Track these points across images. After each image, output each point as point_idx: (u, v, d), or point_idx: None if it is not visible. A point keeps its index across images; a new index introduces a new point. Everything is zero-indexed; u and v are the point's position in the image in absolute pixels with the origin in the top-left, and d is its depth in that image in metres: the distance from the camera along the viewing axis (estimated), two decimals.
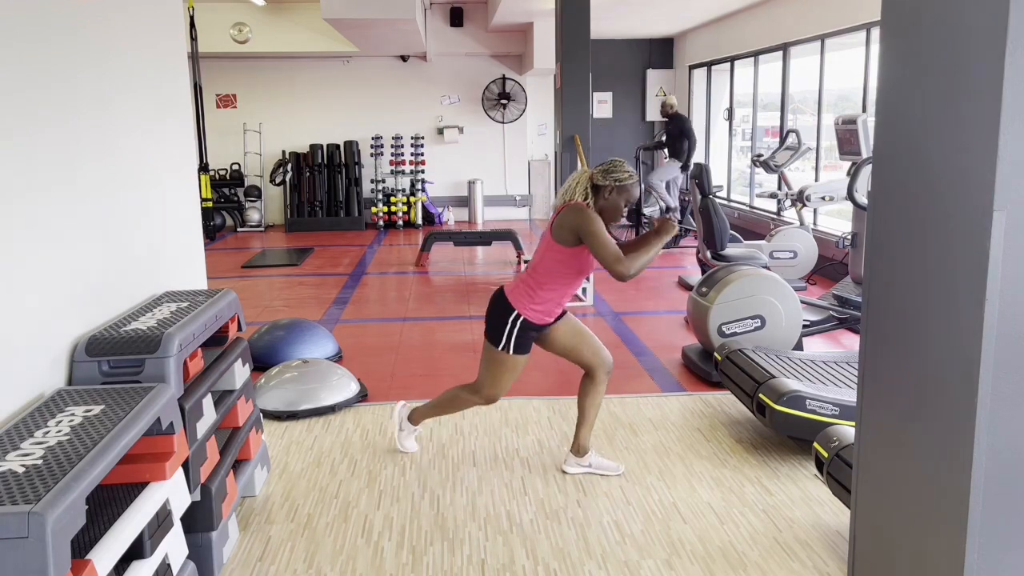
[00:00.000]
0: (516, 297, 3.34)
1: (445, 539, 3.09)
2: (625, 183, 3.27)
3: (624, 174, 3.28)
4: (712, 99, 12.28)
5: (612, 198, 3.29)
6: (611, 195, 3.28)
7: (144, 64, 3.28)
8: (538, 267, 3.33)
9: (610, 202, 3.29)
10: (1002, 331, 1.64)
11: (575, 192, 3.30)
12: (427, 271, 8.80)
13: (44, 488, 1.75)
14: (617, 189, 3.28)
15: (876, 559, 2.10)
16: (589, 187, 3.30)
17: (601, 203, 3.29)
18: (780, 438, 3.92)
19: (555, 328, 3.46)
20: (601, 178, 3.28)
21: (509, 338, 3.34)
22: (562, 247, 3.26)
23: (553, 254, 3.29)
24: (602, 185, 3.28)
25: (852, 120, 6.48)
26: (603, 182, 3.28)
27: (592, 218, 3.20)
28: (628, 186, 3.28)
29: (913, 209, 1.87)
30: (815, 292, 6.99)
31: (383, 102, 12.53)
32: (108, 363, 2.52)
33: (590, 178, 3.31)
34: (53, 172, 2.50)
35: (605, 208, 3.30)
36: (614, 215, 3.31)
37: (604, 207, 3.30)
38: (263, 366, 4.87)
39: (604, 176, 3.28)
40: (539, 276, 3.32)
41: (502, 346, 3.35)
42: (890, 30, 1.97)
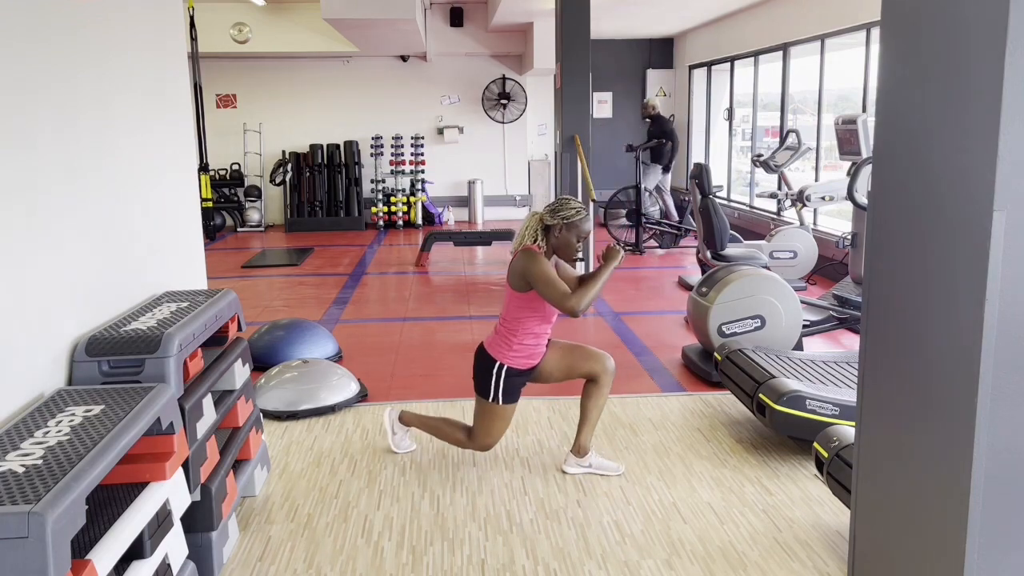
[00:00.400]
0: (495, 349, 3.41)
1: (445, 539, 3.09)
2: (573, 220, 3.30)
3: (571, 211, 3.31)
4: (712, 99, 12.28)
5: (563, 235, 3.32)
6: (561, 232, 3.31)
7: (144, 64, 3.28)
8: (506, 316, 3.41)
9: (561, 239, 3.32)
10: (1002, 331, 1.64)
11: (524, 237, 3.36)
12: (427, 271, 8.80)
13: (44, 488, 1.75)
14: (566, 226, 3.31)
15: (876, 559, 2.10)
16: (540, 229, 3.34)
17: (553, 242, 3.34)
18: (780, 438, 3.92)
19: (544, 363, 3.51)
20: (549, 218, 3.32)
21: (496, 389, 3.41)
22: (519, 293, 3.33)
23: (514, 301, 3.36)
24: (551, 224, 3.32)
25: (852, 120, 6.48)
26: (551, 221, 3.32)
27: (535, 260, 3.25)
28: (576, 222, 3.30)
29: (913, 209, 1.87)
30: (815, 292, 6.99)
31: (383, 102, 12.53)
32: (108, 363, 2.52)
33: (540, 220, 3.35)
34: (53, 172, 2.50)
35: (558, 246, 3.34)
36: (568, 251, 3.34)
37: (557, 245, 3.34)
38: (263, 366, 4.87)
39: (552, 215, 3.32)
40: (509, 324, 3.39)
41: (491, 398, 3.43)
42: (890, 30, 1.97)
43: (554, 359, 3.52)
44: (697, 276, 7.42)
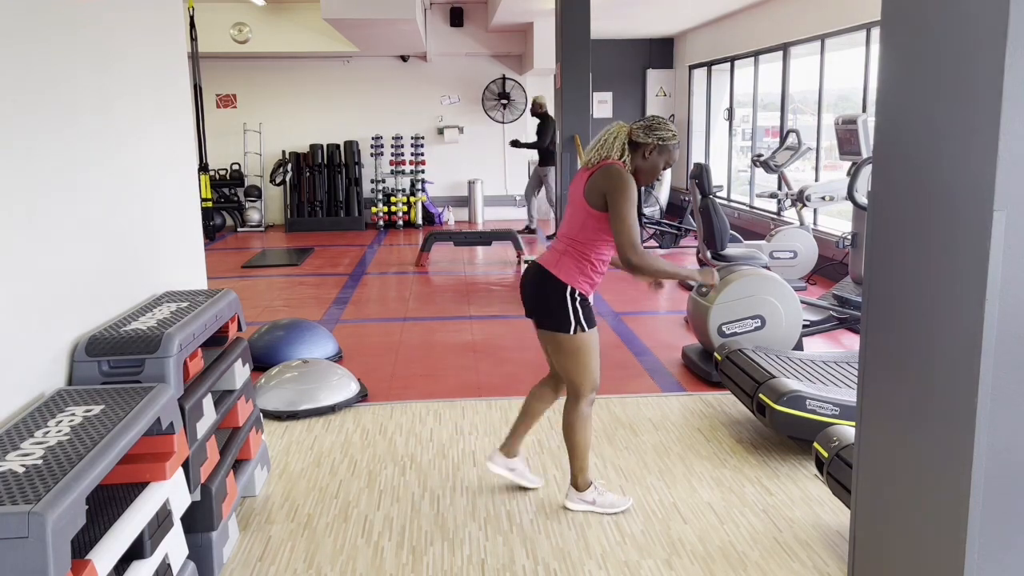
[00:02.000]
0: (565, 272, 2.98)
1: (445, 539, 3.09)
2: (668, 143, 2.96)
3: (667, 132, 2.96)
4: (712, 99, 12.28)
5: (652, 158, 2.96)
6: (651, 155, 2.96)
7: (144, 64, 3.28)
8: (578, 236, 2.97)
9: (649, 162, 2.97)
10: (1002, 331, 1.64)
11: (612, 148, 2.94)
12: (427, 271, 8.80)
13: (44, 488, 1.75)
14: (659, 148, 2.96)
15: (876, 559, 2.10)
16: (627, 144, 2.97)
17: (638, 163, 2.97)
18: (780, 438, 3.92)
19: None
20: (643, 135, 2.95)
21: (577, 316, 2.99)
22: (600, 212, 2.92)
23: (593, 220, 2.94)
24: (643, 143, 2.95)
25: (852, 120, 6.48)
26: (645, 140, 2.94)
27: (628, 187, 2.85)
28: (670, 146, 2.97)
29: (913, 209, 1.87)
30: (815, 292, 6.99)
31: (383, 102, 12.53)
32: (108, 363, 2.52)
33: (629, 135, 2.97)
34: (53, 172, 2.50)
35: (642, 169, 2.98)
36: (650, 178, 3.01)
37: (641, 168, 2.98)
38: (263, 366, 4.87)
39: (646, 133, 2.94)
40: (581, 246, 2.97)
41: (574, 328, 2.99)
42: (890, 30, 1.97)
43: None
44: None
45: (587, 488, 3.26)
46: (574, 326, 2.99)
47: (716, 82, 12.14)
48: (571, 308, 2.98)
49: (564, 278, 2.98)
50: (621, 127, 3.01)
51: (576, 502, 3.28)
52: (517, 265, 8.95)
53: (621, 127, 3.01)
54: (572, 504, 3.28)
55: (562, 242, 3.04)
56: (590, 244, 2.97)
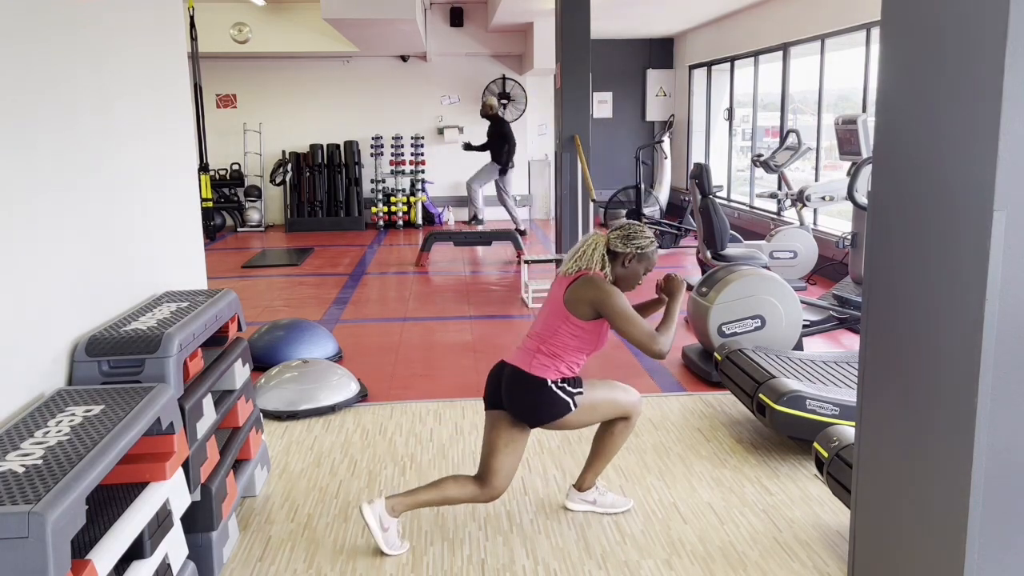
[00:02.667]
0: (541, 370, 2.94)
1: (445, 539, 3.09)
2: (647, 251, 2.97)
3: (645, 240, 2.98)
4: (712, 99, 12.28)
5: (632, 266, 2.97)
6: (631, 263, 2.97)
7: (144, 64, 3.28)
8: (551, 339, 2.96)
9: (629, 270, 2.98)
10: (1002, 331, 1.64)
11: (591, 259, 2.96)
12: (427, 271, 8.80)
13: (44, 488, 1.75)
14: (638, 257, 2.97)
15: (876, 559, 2.10)
16: (605, 253, 2.97)
17: (619, 271, 2.98)
18: (780, 438, 3.92)
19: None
20: (621, 245, 2.96)
21: (567, 397, 2.95)
22: (580, 320, 2.93)
23: (569, 328, 2.94)
24: (621, 253, 2.96)
25: (852, 120, 6.48)
26: (623, 249, 2.96)
27: (614, 294, 2.89)
28: (648, 253, 2.98)
29: (913, 209, 1.87)
30: (815, 292, 6.98)
31: (383, 102, 12.52)
32: (108, 363, 2.52)
33: (606, 244, 2.98)
34: (53, 172, 2.50)
35: (622, 277, 2.98)
36: (631, 284, 3.00)
37: (621, 276, 2.98)
38: (263, 366, 4.87)
39: (624, 243, 2.96)
40: (555, 348, 2.96)
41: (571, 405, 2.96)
42: (890, 30, 1.97)
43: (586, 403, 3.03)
44: (697, 276, 7.42)
45: (589, 489, 3.27)
46: (570, 403, 2.96)
47: (716, 82, 12.14)
48: (559, 395, 2.94)
49: (542, 375, 2.94)
50: (598, 237, 3.01)
51: (577, 502, 3.28)
52: (517, 265, 8.94)
53: (598, 237, 3.01)
54: (573, 504, 3.28)
55: (534, 341, 3.00)
56: (564, 348, 2.96)
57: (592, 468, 3.26)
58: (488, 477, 2.99)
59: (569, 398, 2.96)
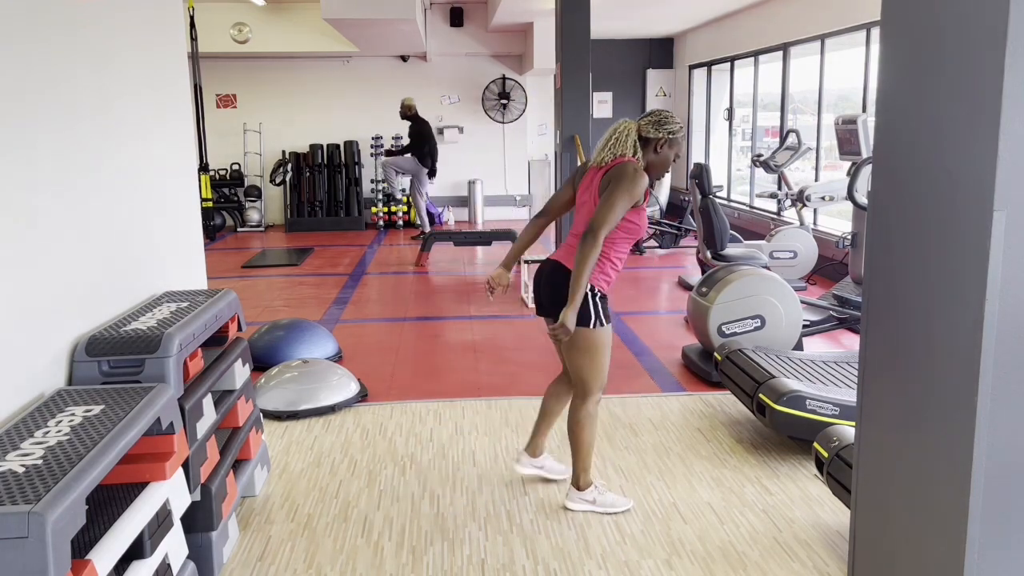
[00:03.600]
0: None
1: (445, 539, 3.09)
2: (677, 136, 3.01)
3: (676, 125, 3.01)
4: (712, 99, 12.28)
5: (663, 152, 3.01)
6: (662, 149, 3.01)
7: (144, 64, 3.28)
8: None
9: (661, 156, 3.01)
10: (1002, 331, 1.64)
11: (624, 146, 2.98)
12: (427, 271, 8.80)
13: (44, 488, 1.75)
14: (669, 142, 3.00)
15: (876, 559, 2.10)
16: (637, 140, 3.00)
17: (651, 157, 3.01)
18: (780, 438, 3.92)
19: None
20: (653, 130, 2.99)
21: (597, 311, 3.00)
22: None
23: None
24: (654, 138, 2.99)
25: (852, 120, 6.48)
26: (656, 134, 2.99)
27: (637, 185, 2.89)
28: (679, 139, 3.03)
29: (913, 209, 1.87)
30: (815, 292, 6.99)
31: (383, 102, 12.52)
32: (108, 363, 2.52)
33: (638, 131, 3.01)
34: (53, 172, 2.50)
35: (654, 163, 3.02)
36: (662, 170, 3.04)
37: (653, 162, 3.02)
38: (263, 366, 4.87)
39: (656, 128, 2.99)
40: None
41: (594, 322, 3.00)
42: (890, 30, 1.97)
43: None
44: (697, 276, 7.42)
45: (588, 488, 3.27)
46: (594, 320, 3.00)
47: (716, 82, 12.14)
48: (591, 303, 2.98)
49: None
50: (629, 124, 3.03)
51: (576, 502, 3.28)
52: (517, 265, 8.94)
53: (629, 124, 3.03)
54: (572, 504, 3.28)
55: (576, 239, 3.03)
56: (607, 241, 2.97)
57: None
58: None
59: (596, 316, 3.00)
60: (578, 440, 3.22)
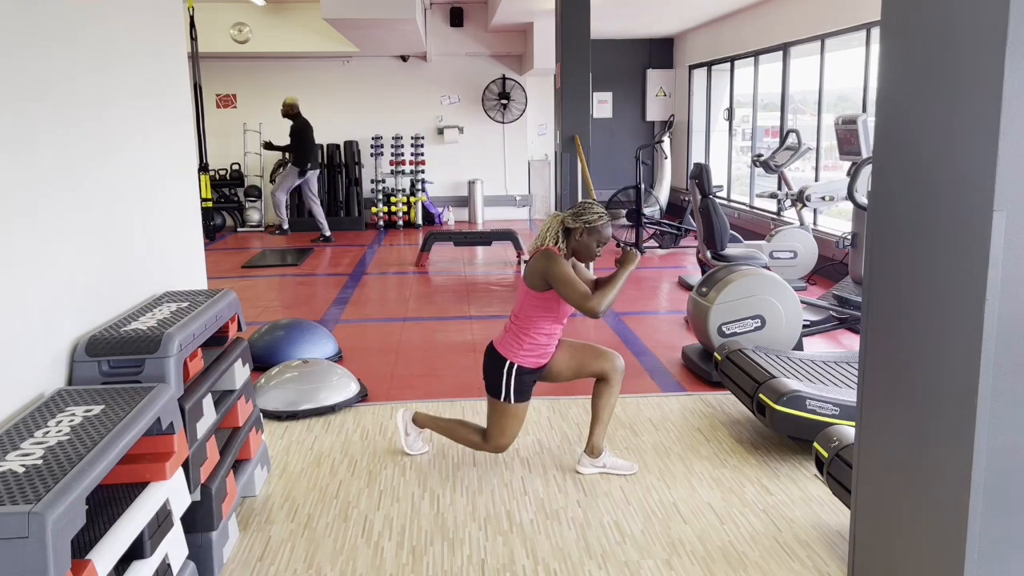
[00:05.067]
0: (506, 348, 3.42)
1: (445, 539, 3.09)
2: (595, 224, 3.32)
3: (593, 215, 3.33)
4: (712, 99, 12.28)
5: (584, 240, 3.34)
6: (582, 237, 3.34)
7: (144, 64, 3.28)
8: (519, 314, 3.42)
9: (582, 243, 3.35)
10: (1002, 331, 1.64)
11: (545, 237, 3.38)
12: (427, 271, 8.80)
13: (44, 488, 1.75)
14: (587, 231, 3.33)
15: (876, 559, 2.10)
16: (560, 231, 3.37)
17: (573, 245, 3.36)
18: (780, 438, 3.92)
19: (554, 362, 3.51)
20: (571, 221, 3.35)
21: (508, 388, 3.42)
22: (535, 292, 3.35)
23: (529, 300, 3.37)
24: (573, 228, 3.35)
25: (852, 120, 6.48)
26: (573, 224, 3.34)
27: (556, 262, 3.27)
28: (598, 227, 3.32)
29: (913, 209, 1.87)
30: (815, 292, 6.99)
31: (383, 102, 12.52)
32: (108, 363, 2.52)
33: (561, 222, 3.37)
34: (53, 172, 2.50)
35: (578, 250, 3.37)
36: (587, 255, 3.37)
37: (577, 249, 3.37)
38: (263, 366, 4.87)
39: (574, 219, 3.34)
40: (521, 322, 3.40)
41: (503, 397, 3.43)
42: (890, 30, 1.97)
43: (564, 358, 3.53)
44: (697, 276, 7.42)
45: (599, 455, 3.60)
46: (503, 394, 3.44)
47: (716, 82, 12.14)
48: (504, 379, 3.42)
49: (504, 353, 3.42)
50: (555, 218, 3.42)
51: (587, 467, 3.60)
52: (517, 265, 8.95)
53: (555, 218, 3.42)
54: (583, 468, 3.60)
55: (509, 321, 3.49)
56: (528, 321, 3.40)
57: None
58: (492, 436, 3.54)
59: (508, 391, 3.42)
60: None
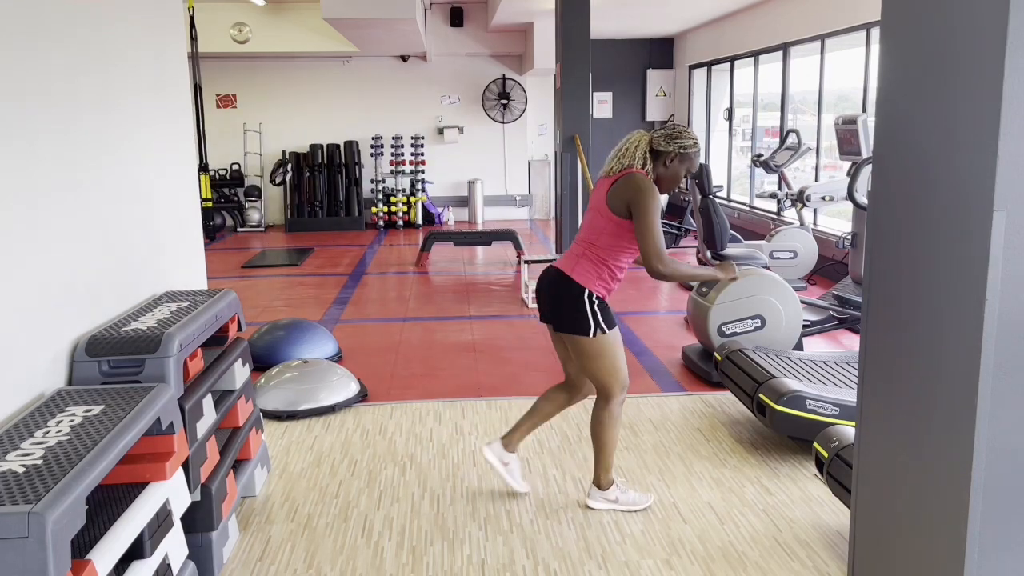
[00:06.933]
0: (582, 275, 3.00)
1: (445, 539, 3.09)
2: (689, 151, 2.99)
3: (688, 140, 3.00)
4: (712, 99, 12.28)
5: (673, 166, 3.01)
6: (672, 163, 3.00)
7: (144, 65, 3.28)
8: (597, 241, 3.01)
9: (670, 171, 3.01)
10: (1002, 331, 1.64)
11: (634, 157, 2.98)
12: (427, 271, 8.80)
13: (44, 488, 1.75)
14: (680, 157, 2.99)
15: (876, 559, 2.10)
16: (648, 153, 3.00)
17: (660, 171, 3.01)
18: (780, 438, 3.92)
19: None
20: (664, 143, 2.99)
21: (596, 319, 3.00)
22: (621, 219, 2.96)
23: (612, 226, 2.98)
24: (664, 151, 2.99)
25: (852, 120, 6.48)
26: (666, 148, 2.98)
27: (652, 195, 2.90)
28: (691, 154, 3.00)
29: (913, 209, 1.87)
30: (815, 292, 6.99)
31: (383, 102, 12.53)
32: (108, 363, 2.52)
33: (649, 143, 3.01)
34: (54, 172, 2.50)
35: (663, 177, 3.02)
36: (672, 185, 3.04)
37: (663, 176, 3.02)
38: (263, 366, 4.87)
39: (667, 141, 2.98)
40: (601, 250, 3.00)
41: (593, 331, 3.00)
42: (890, 30, 1.97)
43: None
44: None
45: (609, 487, 3.28)
46: (593, 328, 3.01)
47: (716, 82, 12.14)
48: (589, 311, 3.00)
49: (581, 281, 3.00)
50: (642, 135, 3.03)
51: (599, 501, 3.28)
52: (517, 265, 8.94)
53: (642, 135, 3.03)
54: (594, 503, 3.29)
55: (580, 246, 3.07)
56: (609, 250, 3.01)
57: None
58: (573, 382, 3.27)
59: (595, 324, 3.01)
60: (601, 440, 3.20)
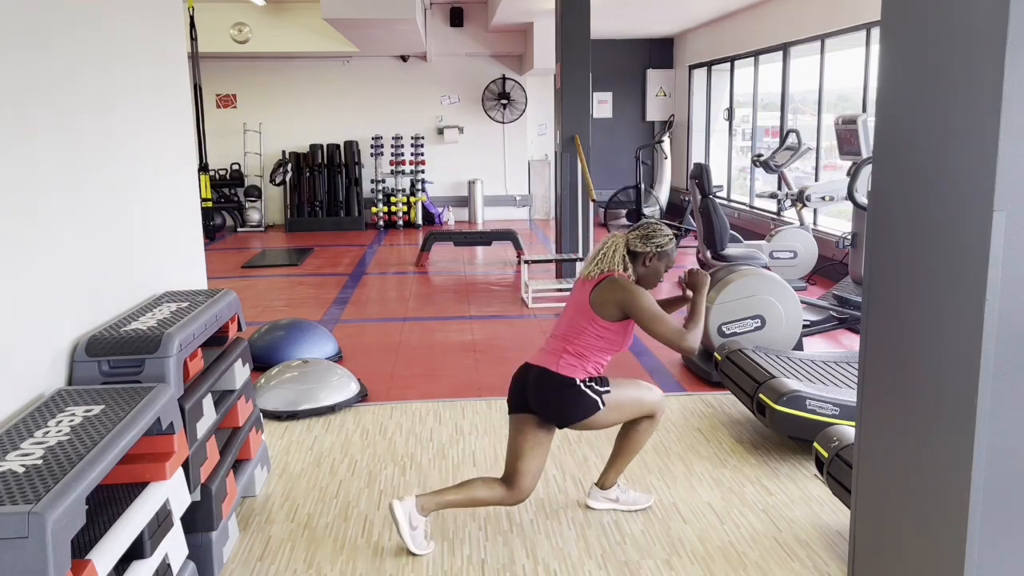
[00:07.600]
0: (568, 369, 2.98)
1: (445, 539, 3.09)
2: (666, 248, 3.03)
3: (664, 238, 3.03)
4: (712, 99, 12.28)
5: (653, 265, 3.04)
6: (651, 262, 3.04)
7: (144, 65, 3.28)
8: (577, 340, 3.01)
9: (650, 269, 3.05)
10: (1002, 331, 1.64)
11: (612, 260, 3.02)
12: (427, 271, 8.80)
13: (44, 488, 1.75)
14: (658, 255, 3.03)
15: (876, 559, 2.10)
16: (626, 254, 3.04)
17: (640, 271, 3.05)
18: (780, 438, 3.92)
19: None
20: (641, 244, 3.02)
21: (595, 392, 2.99)
22: (607, 322, 2.98)
23: (596, 329, 2.99)
24: (642, 252, 3.02)
25: (852, 120, 6.48)
26: (643, 248, 3.02)
27: (640, 294, 2.95)
28: (668, 251, 3.03)
29: (913, 209, 1.87)
30: (815, 292, 6.98)
31: (383, 102, 12.53)
32: (108, 363, 2.52)
33: (626, 244, 3.05)
34: (54, 172, 2.50)
35: (644, 276, 3.06)
36: (653, 282, 3.08)
37: (643, 275, 3.06)
38: (263, 366, 4.87)
39: (644, 242, 3.02)
40: (582, 348, 3.00)
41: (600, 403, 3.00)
42: (890, 30, 1.97)
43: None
44: None
45: (611, 487, 3.29)
46: (599, 402, 2.99)
47: (716, 82, 12.14)
48: (589, 392, 2.99)
49: (570, 375, 2.98)
50: (617, 239, 3.07)
51: (600, 500, 3.30)
52: (517, 265, 8.94)
53: (617, 239, 3.07)
54: (595, 503, 3.30)
55: (559, 341, 3.05)
56: (590, 349, 3.01)
57: (615, 466, 3.27)
58: (515, 480, 3.02)
59: (597, 397, 3.00)
60: (632, 447, 3.21)
